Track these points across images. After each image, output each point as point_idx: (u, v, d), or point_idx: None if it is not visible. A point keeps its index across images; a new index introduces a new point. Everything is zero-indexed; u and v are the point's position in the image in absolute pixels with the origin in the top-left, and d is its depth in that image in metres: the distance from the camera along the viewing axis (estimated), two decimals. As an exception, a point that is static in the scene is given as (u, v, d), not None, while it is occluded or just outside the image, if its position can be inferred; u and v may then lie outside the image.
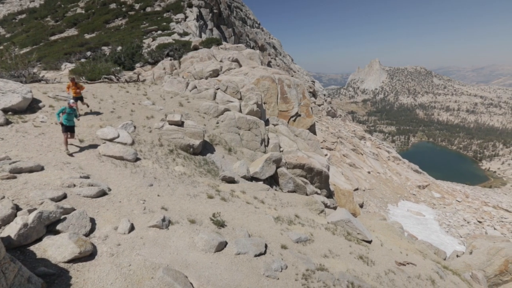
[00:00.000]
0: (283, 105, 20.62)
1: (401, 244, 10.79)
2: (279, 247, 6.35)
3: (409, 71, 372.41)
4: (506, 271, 12.23)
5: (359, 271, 7.01)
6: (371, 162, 43.48)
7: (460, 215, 33.78)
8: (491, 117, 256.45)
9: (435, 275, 9.00)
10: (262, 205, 8.58)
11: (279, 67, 70.66)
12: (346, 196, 17.41)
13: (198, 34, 38.81)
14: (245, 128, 13.70)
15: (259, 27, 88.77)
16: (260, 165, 11.32)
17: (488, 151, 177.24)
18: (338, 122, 60.09)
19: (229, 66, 21.44)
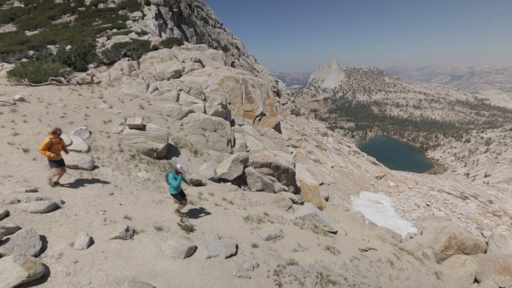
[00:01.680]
0: (248, 105, 20.77)
1: (363, 232, 11.58)
2: (250, 246, 6.42)
3: (364, 71, 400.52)
4: (450, 246, 13.83)
5: (327, 261, 7.38)
6: (334, 157, 45.90)
7: (412, 200, 37.36)
8: (433, 112, 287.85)
9: (393, 257, 9.84)
10: (231, 205, 8.57)
11: (243, 67, 70.92)
12: (312, 191, 18.18)
13: (157, 33, 37.20)
14: (211, 129, 13.53)
15: (221, 27, 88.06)
16: (228, 166, 11.28)
17: (432, 142, 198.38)
18: (302, 120, 62.28)
19: (192, 67, 20.95)
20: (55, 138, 6.65)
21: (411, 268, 9.69)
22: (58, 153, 6.72)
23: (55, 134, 6.67)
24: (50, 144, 6.52)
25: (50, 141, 6.52)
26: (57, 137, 6.71)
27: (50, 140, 6.53)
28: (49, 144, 6.50)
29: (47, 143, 6.48)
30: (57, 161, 6.71)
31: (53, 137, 6.62)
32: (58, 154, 6.71)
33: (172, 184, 6.77)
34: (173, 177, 6.89)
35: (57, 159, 6.71)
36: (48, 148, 6.51)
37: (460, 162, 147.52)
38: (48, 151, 6.48)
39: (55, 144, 6.62)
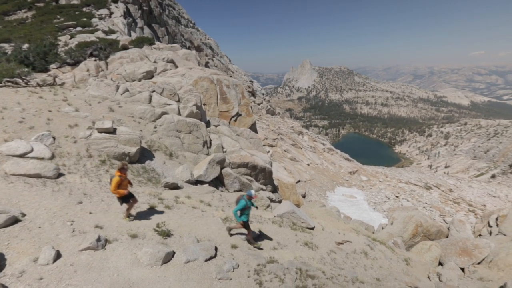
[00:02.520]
0: (223, 105, 20.64)
1: (338, 226, 12.04)
2: (230, 247, 6.39)
3: (335, 71, 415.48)
4: (417, 234, 14.84)
5: (305, 256, 7.57)
6: (310, 155, 47.11)
7: (383, 193, 39.51)
8: (399, 109, 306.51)
9: (367, 248, 10.34)
10: (209, 207, 8.47)
11: (217, 67, 70.24)
12: (290, 188, 18.52)
13: (126, 32, 35.60)
14: (186, 131, 13.25)
15: (194, 26, 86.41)
16: (204, 167, 11.13)
17: (399, 137, 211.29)
18: (278, 120, 63.15)
19: (164, 67, 20.35)
20: (123, 174, 6.33)
21: (383, 257, 10.25)
22: (126, 188, 6.42)
23: (122, 171, 6.34)
24: (120, 181, 6.23)
25: (120, 178, 6.23)
26: (124, 172, 6.39)
27: (120, 177, 6.24)
28: (119, 182, 6.20)
29: (118, 182, 6.19)
30: (127, 195, 6.42)
31: (121, 173, 6.31)
32: (127, 189, 6.42)
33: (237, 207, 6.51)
34: (245, 203, 6.53)
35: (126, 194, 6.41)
36: (119, 186, 6.20)
37: (423, 155, 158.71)
38: (118, 188, 6.19)
39: (124, 180, 6.33)
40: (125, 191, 6.27)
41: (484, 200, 49.62)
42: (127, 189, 6.43)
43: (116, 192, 6.18)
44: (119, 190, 6.18)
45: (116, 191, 6.17)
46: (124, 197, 6.33)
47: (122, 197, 6.31)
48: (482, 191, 55.99)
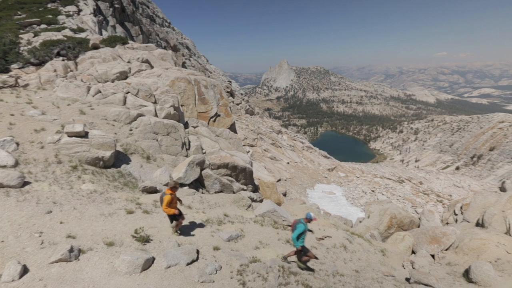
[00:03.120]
0: (202, 106, 20.36)
1: (319, 222, 12.35)
2: (212, 249, 6.34)
3: (312, 71, 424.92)
4: (392, 225, 15.61)
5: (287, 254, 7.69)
6: (289, 154, 47.83)
7: (360, 188, 41.09)
8: (373, 107, 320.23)
9: (346, 242, 10.72)
10: (190, 210, 8.33)
11: (194, 68, 69.11)
12: (270, 187, 18.69)
13: (97, 31, 33.90)
14: (163, 133, 12.92)
15: (170, 26, 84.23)
16: (184, 169, 10.92)
17: (373, 134, 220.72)
18: (257, 119, 63.42)
19: (139, 68, 19.66)
20: (174, 193, 6.46)
21: (361, 249, 10.68)
22: (176, 206, 6.54)
23: (173, 189, 6.47)
24: (171, 200, 6.34)
25: (171, 197, 6.35)
26: (175, 191, 6.52)
27: (171, 196, 6.35)
28: (170, 200, 6.31)
29: (169, 200, 6.30)
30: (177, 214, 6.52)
31: (172, 192, 6.43)
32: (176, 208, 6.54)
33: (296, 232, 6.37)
34: (304, 228, 6.40)
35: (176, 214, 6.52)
36: (169, 204, 6.30)
37: (396, 150, 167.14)
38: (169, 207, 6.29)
39: (174, 198, 6.45)
40: (175, 210, 6.40)
41: (450, 191, 53.30)
42: (177, 207, 6.56)
43: (167, 210, 6.27)
44: (169, 208, 6.29)
45: (167, 209, 6.27)
46: (174, 215, 6.47)
47: (171, 215, 6.46)
48: (448, 182, 60.11)
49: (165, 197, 6.32)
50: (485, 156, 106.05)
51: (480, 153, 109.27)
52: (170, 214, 6.46)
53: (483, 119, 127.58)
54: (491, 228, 12.17)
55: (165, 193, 6.42)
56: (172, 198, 6.38)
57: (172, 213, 6.38)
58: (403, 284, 8.01)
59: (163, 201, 6.29)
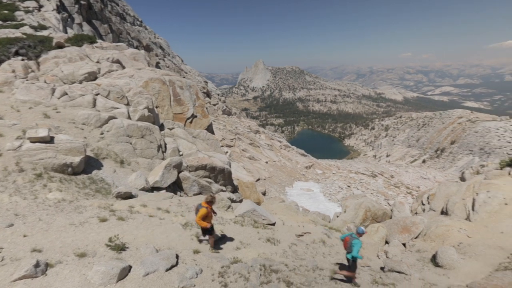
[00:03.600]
0: (177, 107, 19.90)
1: (298, 219, 12.61)
2: (192, 253, 6.24)
3: (287, 70, 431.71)
4: (367, 218, 16.33)
5: (268, 252, 7.78)
6: (267, 153, 48.24)
7: (336, 184, 42.49)
8: (346, 105, 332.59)
9: (325, 236, 11.06)
10: (168, 214, 8.12)
11: (169, 68, 67.25)
12: (250, 187, 18.73)
13: (61, 29, 31.77)
14: (138, 135, 12.45)
15: (142, 25, 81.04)
16: (160, 173, 10.62)
17: (347, 131, 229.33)
18: (234, 120, 63.19)
19: (110, 68, 18.75)
20: (210, 207, 6.50)
21: (339, 243, 11.07)
22: (210, 221, 6.56)
23: (210, 203, 6.53)
24: (207, 213, 6.38)
25: (207, 210, 6.40)
26: (211, 205, 6.57)
27: (207, 209, 6.40)
28: (206, 214, 6.36)
29: (205, 213, 6.35)
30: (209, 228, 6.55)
31: (209, 206, 6.50)
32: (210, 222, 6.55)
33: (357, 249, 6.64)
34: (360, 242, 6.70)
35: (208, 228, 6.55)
36: (204, 217, 6.34)
37: (369, 146, 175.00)
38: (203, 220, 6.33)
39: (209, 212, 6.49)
40: (208, 224, 6.41)
41: (418, 183, 56.90)
42: (211, 222, 6.56)
43: (200, 222, 6.31)
44: (203, 221, 6.30)
45: (201, 222, 6.29)
46: (207, 229, 6.50)
47: (204, 228, 6.49)
48: (416, 175, 64.13)
49: (201, 209, 6.35)
50: (447, 149, 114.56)
51: (443, 146, 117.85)
52: (202, 227, 6.48)
53: (445, 115, 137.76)
54: (453, 215, 13.19)
55: (202, 205, 6.45)
56: (208, 211, 6.41)
57: (204, 226, 6.39)
58: (378, 273, 8.43)
59: (198, 212, 6.33)
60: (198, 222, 6.33)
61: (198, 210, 6.41)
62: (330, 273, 7.40)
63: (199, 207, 6.48)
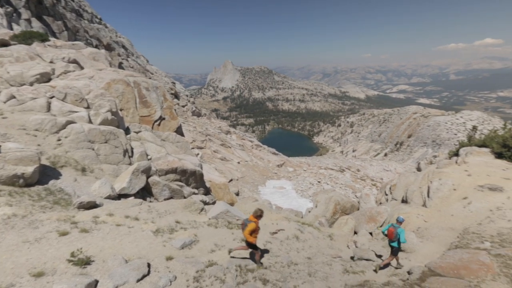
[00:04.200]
0: (144, 109, 19.06)
1: (271, 217, 12.80)
2: (164, 260, 6.03)
3: (256, 70, 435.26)
4: (336, 211, 17.10)
5: (244, 252, 7.78)
6: (239, 153, 48.22)
7: (307, 180, 43.88)
8: (314, 104, 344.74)
9: (298, 232, 11.36)
10: (137, 222, 7.75)
11: (133, 69, 63.99)
12: (223, 188, 18.58)
13: (5, 25, 28.63)
14: (101, 140, 11.69)
15: (101, 22, 75.84)
16: (127, 179, 10.09)
17: (316, 129, 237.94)
18: (204, 121, 62.17)
19: (66, 69, 17.33)
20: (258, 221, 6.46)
21: (312, 237, 11.46)
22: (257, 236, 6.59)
23: (259, 218, 6.50)
24: (255, 228, 6.38)
25: (256, 225, 6.38)
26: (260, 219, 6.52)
27: (256, 224, 6.38)
28: (254, 229, 6.37)
29: (254, 228, 6.34)
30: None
31: (257, 220, 6.45)
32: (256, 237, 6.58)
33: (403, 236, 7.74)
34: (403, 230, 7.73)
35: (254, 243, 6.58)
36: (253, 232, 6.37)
37: (336, 143, 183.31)
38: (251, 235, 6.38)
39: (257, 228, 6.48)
40: (255, 240, 6.47)
41: (381, 175, 60.94)
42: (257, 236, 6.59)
43: (248, 237, 6.33)
44: (251, 237, 6.32)
45: (249, 237, 6.32)
46: (254, 244, 6.57)
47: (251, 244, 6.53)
48: (379, 168, 68.60)
49: (250, 224, 6.33)
50: (405, 142, 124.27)
51: (402, 140, 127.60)
52: (250, 243, 6.50)
53: (402, 111, 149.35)
54: (412, 203, 14.37)
55: (250, 220, 6.43)
56: (256, 226, 6.40)
57: (252, 242, 6.43)
58: (349, 262, 8.89)
59: (247, 228, 6.31)
60: (246, 237, 6.35)
61: (246, 225, 6.37)
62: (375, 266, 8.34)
63: (246, 222, 6.45)
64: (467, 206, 11.81)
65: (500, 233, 9.16)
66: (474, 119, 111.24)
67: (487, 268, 6.57)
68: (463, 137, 65.27)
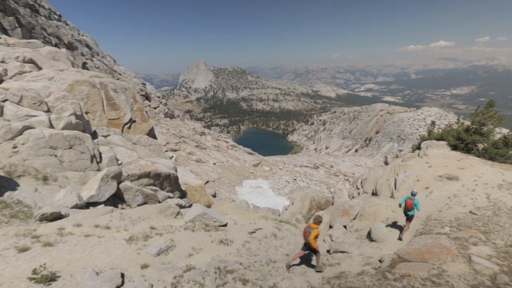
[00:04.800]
0: (112, 112, 18.09)
1: (249, 217, 12.84)
2: (140, 268, 5.79)
3: (229, 71, 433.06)
4: (312, 207, 17.58)
5: (222, 254, 7.73)
6: (215, 154, 47.67)
7: (283, 178, 44.57)
8: (287, 103, 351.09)
9: (276, 230, 11.52)
10: (108, 231, 7.36)
11: (99, 69, 60.39)
12: (199, 191, 18.24)
13: None
14: (64, 146, 10.90)
15: (61, 19, 70.35)
16: (96, 186, 9.52)
17: (290, 128, 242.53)
18: (178, 122, 60.55)
19: (21, 69, 15.88)
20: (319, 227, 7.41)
21: (289, 234, 11.69)
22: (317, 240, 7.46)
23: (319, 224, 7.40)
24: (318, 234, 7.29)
25: (319, 232, 7.30)
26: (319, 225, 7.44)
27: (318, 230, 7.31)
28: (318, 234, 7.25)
29: (317, 234, 7.25)
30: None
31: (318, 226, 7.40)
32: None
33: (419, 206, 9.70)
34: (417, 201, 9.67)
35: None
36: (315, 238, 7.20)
37: (310, 141, 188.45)
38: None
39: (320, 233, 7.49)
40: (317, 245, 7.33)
41: (353, 170, 63.78)
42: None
43: (313, 242, 7.16)
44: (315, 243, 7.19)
45: (314, 242, 7.16)
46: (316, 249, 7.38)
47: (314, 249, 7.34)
48: (350, 163, 71.74)
49: (313, 230, 7.17)
50: (374, 138, 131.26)
51: (370, 136, 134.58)
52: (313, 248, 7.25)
53: (370, 109, 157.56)
54: (381, 195, 15.23)
55: (311, 227, 7.27)
56: (319, 232, 7.25)
57: (315, 247, 7.24)
58: (325, 256, 9.20)
59: (311, 234, 7.13)
60: (312, 242, 7.13)
61: (310, 233, 7.15)
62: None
63: (309, 229, 7.22)
64: (429, 195, 12.80)
65: (457, 218, 10.05)
66: (433, 115, 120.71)
67: (447, 250, 7.18)
68: (424, 131, 70.53)
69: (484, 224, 9.15)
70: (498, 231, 8.55)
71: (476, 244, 7.63)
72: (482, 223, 9.30)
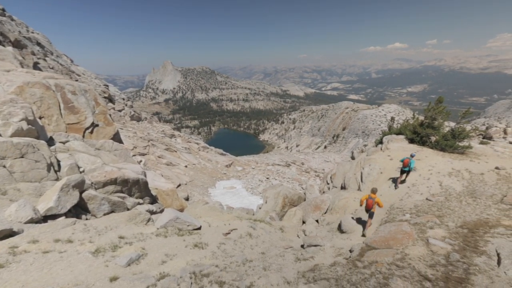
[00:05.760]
0: (71, 116, 16.75)
1: (223, 218, 12.74)
2: (108, 281, 5.46)
3: (198, 71, 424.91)
4: (285, 204, 17.96)
5: (197, 258, 7.59)
6: (186, 156, 46.46)
7: (256, 177, 44.88)
8: (257, 103, 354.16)
9: (251, 229, 11.58)
10: (71, 244, 6.82)
11: (54, 70, 55.41)
12: (171, 195, 17.65)
13: None
14: (15, 155, 9.86)
15: (5, 14, 63.08)
16: (55, 197, 8.75)
17: (261, 127, 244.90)
18: (146, 125, 57.95)
19: (-47, 70, 14.01)
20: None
21: (264, 232, 11.82)
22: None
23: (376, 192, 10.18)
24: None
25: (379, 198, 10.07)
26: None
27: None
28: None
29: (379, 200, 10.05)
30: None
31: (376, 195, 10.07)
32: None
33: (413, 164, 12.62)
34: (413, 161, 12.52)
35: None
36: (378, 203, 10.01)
37: (281, 139, 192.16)
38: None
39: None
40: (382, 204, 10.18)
41: (323, 166, 66.33)
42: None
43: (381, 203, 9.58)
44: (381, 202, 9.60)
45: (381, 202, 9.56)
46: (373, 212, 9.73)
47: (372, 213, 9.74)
48: (320, 160, 74.54)
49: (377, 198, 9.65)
50: (341, 135, 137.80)
51: (338, 133, 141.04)
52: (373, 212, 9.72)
53: (336, 107, 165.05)
54: (350, 189, 16.05)
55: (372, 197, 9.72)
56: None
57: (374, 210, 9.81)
58: (300, 251, 9.46)
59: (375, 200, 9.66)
60: (380, 203, 9.55)
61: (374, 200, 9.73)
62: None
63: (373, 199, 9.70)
64: (391, 185, 13.77)
65: (416, 205, 10.96)
66: (392, 111, 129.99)
67: (408, 236, 7.80)
68: (385, 127, 75.66)
69: (438, 209, 10.10)
70: (450, 214, 9.50)
71: (432, 228, 8.40)
72: (436, 208, 10.26)
